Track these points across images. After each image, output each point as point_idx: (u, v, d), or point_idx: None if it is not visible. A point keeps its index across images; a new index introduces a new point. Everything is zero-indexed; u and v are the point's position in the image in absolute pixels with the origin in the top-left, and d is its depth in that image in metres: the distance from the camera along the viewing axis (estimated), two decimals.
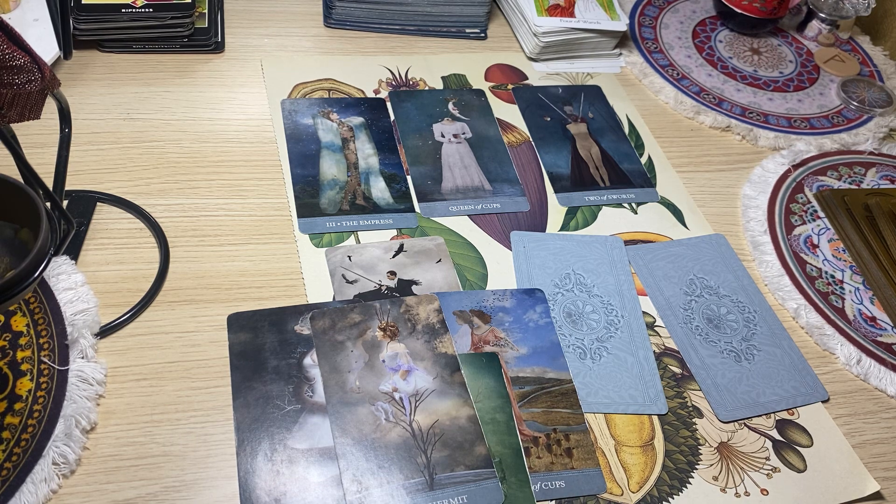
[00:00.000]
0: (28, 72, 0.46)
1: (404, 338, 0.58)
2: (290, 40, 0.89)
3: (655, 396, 0.62)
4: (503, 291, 0.66)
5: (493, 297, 0.65)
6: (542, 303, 0.65)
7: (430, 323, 0.59)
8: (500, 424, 0.57)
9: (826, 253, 0.76)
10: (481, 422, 0.56)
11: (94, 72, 0.80)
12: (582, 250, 0.72)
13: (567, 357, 0.63)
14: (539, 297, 0.66)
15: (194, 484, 0.52)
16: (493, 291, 0.66)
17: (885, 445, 0.62)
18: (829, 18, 1.04)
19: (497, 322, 0.63)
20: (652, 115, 0.89)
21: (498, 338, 0.62)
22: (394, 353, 0.57)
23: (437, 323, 0.59)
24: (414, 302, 0.60)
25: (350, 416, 0.54)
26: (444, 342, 0.58)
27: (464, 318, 0.63)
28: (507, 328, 0.63)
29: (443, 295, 0.64)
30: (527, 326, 0.64)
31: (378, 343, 0.58)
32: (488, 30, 0.96)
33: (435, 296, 0.62)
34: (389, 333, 0.58)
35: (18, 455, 0.50)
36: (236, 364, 0.56)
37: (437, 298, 0.61)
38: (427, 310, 0.60)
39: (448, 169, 0.77)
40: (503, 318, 0.64)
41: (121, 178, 0.70)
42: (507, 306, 0.64)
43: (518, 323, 0.64)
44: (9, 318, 0.57)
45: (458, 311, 0.63)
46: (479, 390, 0.58)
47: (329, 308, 0.59)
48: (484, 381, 0.59)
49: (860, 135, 0.91)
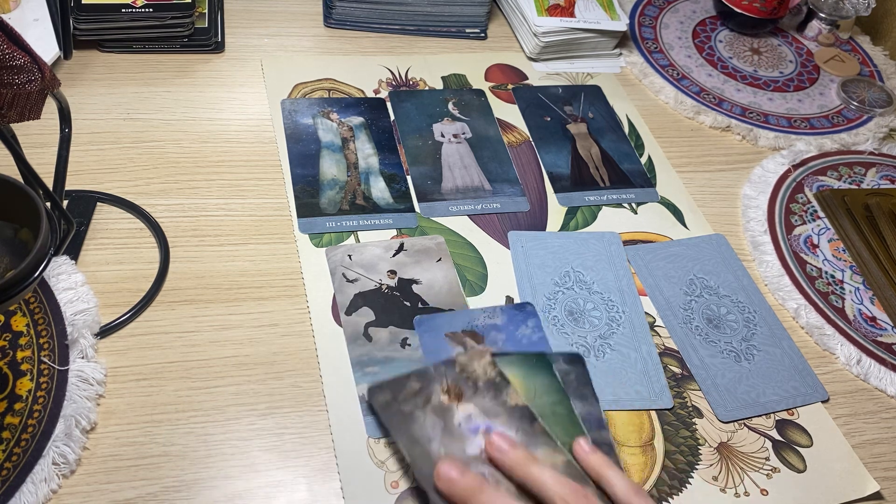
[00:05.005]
0: (28, 72, 0.46)
1: (470, 397, 0.55)
2: (290, 40, 0.89)
3: (661, 391, 0.62)
4: (493, 309, 0.65)
5: (483, 316, 0.64)
6: (533, 316, 0.65)
7: (489, 378, 0.56)
8: (561, 417, 0.55)
9: (826, 253, 0.76)
10: (542, 417, 0.54)
11: (94, 72, 0.80)
12: (580, 247, 0.72)
13: None
14: (529, 310, 0.65)
15: (194, 484, 0.52)
16: (483, 309, 0.64)
17: (885, 445, 0.62)
18: (829, 18, 1.04)
19: (491, 341, 0.62)
20: (652, 115, 0.89)
21: None
22: (466, 414, 0.54)
23: (496, 377, 0.56)
24: (466, 360, 0.56)
25: None
26: (511, 395, 0.55)
27: (457, 341, 0.62)
28: (501, 347, 0.62)
29: (432, 317, 0.63)
30: (520, 343, 0.63)
31: (447, 407, 0.54)
32: (488, 30, 0.96)
33: (487, 348, 0.59)
34: (455, 395, 0.55)
35: (18, 455, 0.50)
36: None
37: (489, 351, 0.58)
38: (482, 364, 0.56)
39: (448, 169, 0.77)
40: (496, 337, 0.63)
41: (121, 178, 0.70)
42: (498, 324, 0.63)
43: (511, 340, 0.63)
44: (9, 318, 0.57)
45: (451, 333, 0.62)
46: (535, 388, 0.56)
47: (385, 381, 0.55)
48: (537, 379, 0.57)
49: (860, 135, 0.91)
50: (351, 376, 0.59)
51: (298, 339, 0.61)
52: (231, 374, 0.58)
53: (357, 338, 0.61)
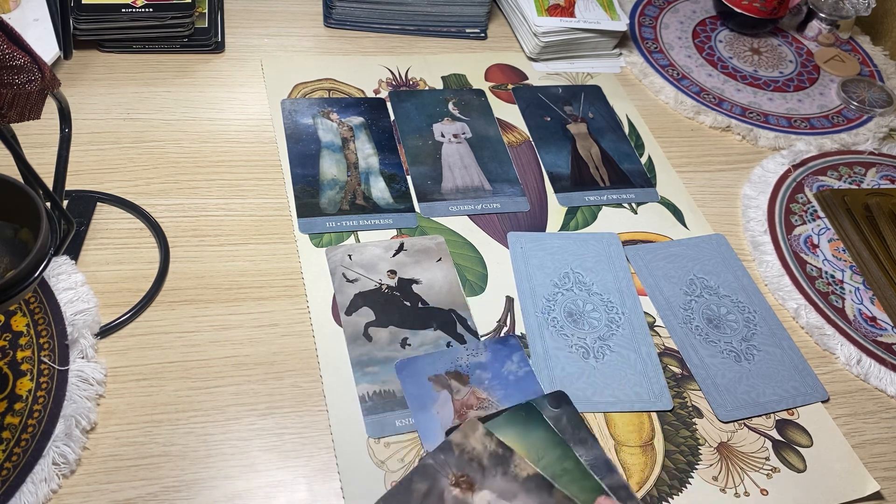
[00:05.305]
0: (28, 72, 0.46)
1: (481, 482, 0.52)
2: (290, 40, 0.89)
3: (660, 392, 0.62)
4: (475, 344, 0.62)
5: (466, 354, 0.61)
6: (518, 350, 0.62)
7: (492, 452, 0.53)
8: (572, 473, 0.54)
9: (826, 253, 0.76)
10: (554, 479, 0.53)
11: (94, 72, 0.80)
12: (579, 248, 0.72)
13: (571, 357, 0.63)
14: (513, 344, 0.63)
15: (194, 484, 0.52)
16: (466, 347, 0.62)
17: (885, 445, 0.62)
18: (829, 18, 1.04)
19: (476, 381, 0.60)
20: (652, 115, 0.89)
21: (480, 399, 0.59)
22: (485, 502, 0.51)
23: (497, 448, 0.54)
24: (461, 438, 0.54)
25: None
26: (519, 465, 0.53)
27: (441, 384, 0.59)
28: (488, 386, 0.60)
29: (413, 360, 0.60)
30: (507, 380, 0.61)
31: (462, 500, 0.52)
32: (488, 30, 0.96)
33: (475, 420, 0.56)
34: (466, 485, 0.52)
35: (18, 455, 0.50)
36: None
37: (479, 423, 0.55)
38: (477, 438, 0.54)
39: (448, 169, 0.77)
40: (481, 376, 0.60)
41: (121, 178, 0.70)
42: (483, 361, 0.61)
43: (498, 378, 0.60)
44: (9, 318, 0.57)
45: (434, 376, 0.59)
46: (536, 448, 0.55)
47: (389, 493, 0.53)
48: (534, 435, 0.55)
49: (860, 135, 0.91)
50: (351, 376, 0.59)
51: (298, 339, 0.61)
52: (231, 374, 0.58)
53: (357, 338, 0.61)
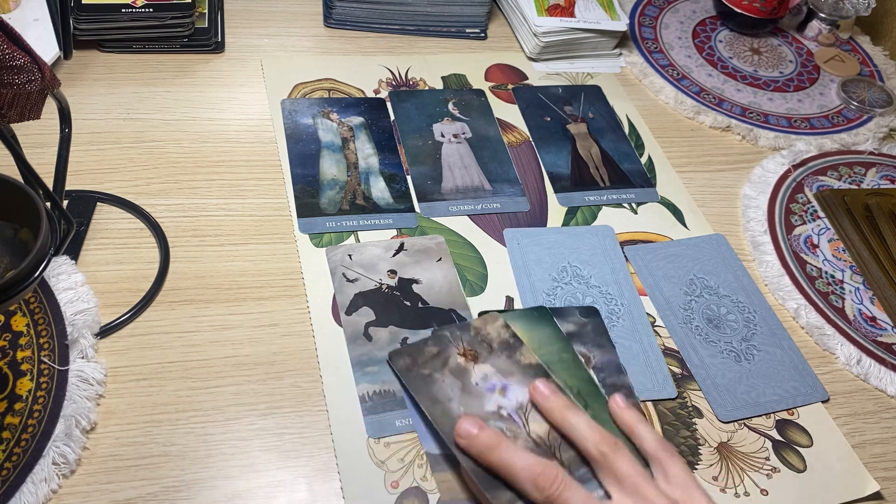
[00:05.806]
0: (28, 72, 0.46)
1: (486, 358, 0.58)
2: (290, 40, 0.89)
3: (664, 381, 0.62)
4: None
5: None
6: None
7: (503, 339, 0.59)
8: (566, 362, 0.59)
9: (826, 253, 0.76)
10: (548, 365, 0.57)
11: (94, 72, 0.80)
12: (575, 242, 0.72)
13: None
14: None
15: (194, 484, 0.52)
16: None
17: (885, 445, 0.62)
18: (829, 18, 1.04)
19: None
20: (652, 115, 0.89)
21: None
22: (483, 374, 0.57)
23: (510, 338, 0.59)
24: (480, 323, 0.60)
25: None
26: (524, 354, 0.58)
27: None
28: None
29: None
30: None
31: (464, 368, 0.57)
32: (488, 30, 0.96)
33: (497, 314, 0.62)
34: (471, 357, 0.58)
35: (18, 455, 0.50)
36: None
37: (501, 316, 0.61)
38: (495, 328, 0.60)
39: (448, 169, 0.77)
40: None
41: (121, 178, 0.70)
42: None
43: None
44: (9, 318, 0.57)
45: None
46: (540, 339, 0.60)
47: (404, 347, 0.60)
48: (539, 330, 0.60)
49: (860, 135, 0.91)
50: (351, 376, 0.59)
51: (298, 339, 0.61)
52: (231, 374, 0.58)
53: (357, 337, 0.61)
